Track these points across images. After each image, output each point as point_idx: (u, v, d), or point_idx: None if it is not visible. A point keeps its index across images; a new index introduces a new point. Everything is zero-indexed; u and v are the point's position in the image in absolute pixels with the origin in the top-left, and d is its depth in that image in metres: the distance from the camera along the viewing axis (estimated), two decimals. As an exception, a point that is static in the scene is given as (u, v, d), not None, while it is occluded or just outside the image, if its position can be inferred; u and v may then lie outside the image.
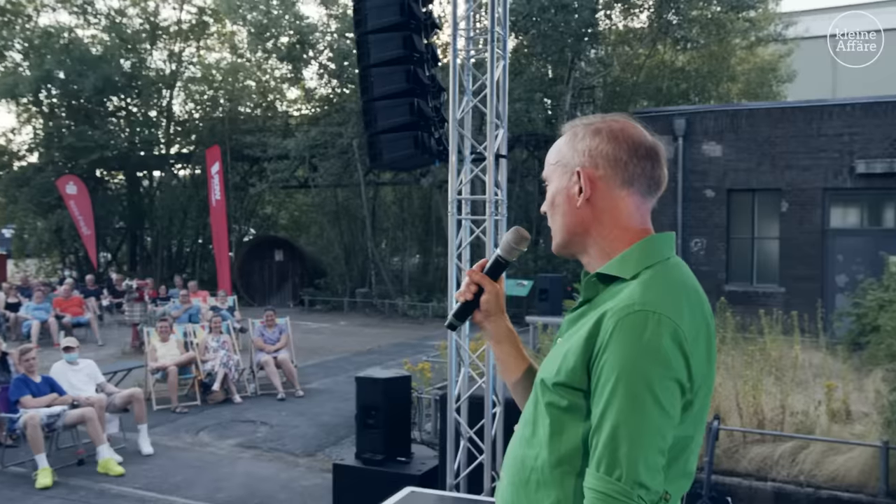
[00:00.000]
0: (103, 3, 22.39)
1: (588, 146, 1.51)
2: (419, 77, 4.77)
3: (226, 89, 22.32)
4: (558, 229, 1.56)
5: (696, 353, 1.35)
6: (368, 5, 4.85)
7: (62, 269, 23.07)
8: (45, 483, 6.46)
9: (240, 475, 6.82)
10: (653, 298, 1.35)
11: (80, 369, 7.71)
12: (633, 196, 1.50)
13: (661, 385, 1.29)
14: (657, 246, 1.48)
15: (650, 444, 1.29)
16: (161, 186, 23.71)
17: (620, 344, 1.32)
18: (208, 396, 9.35)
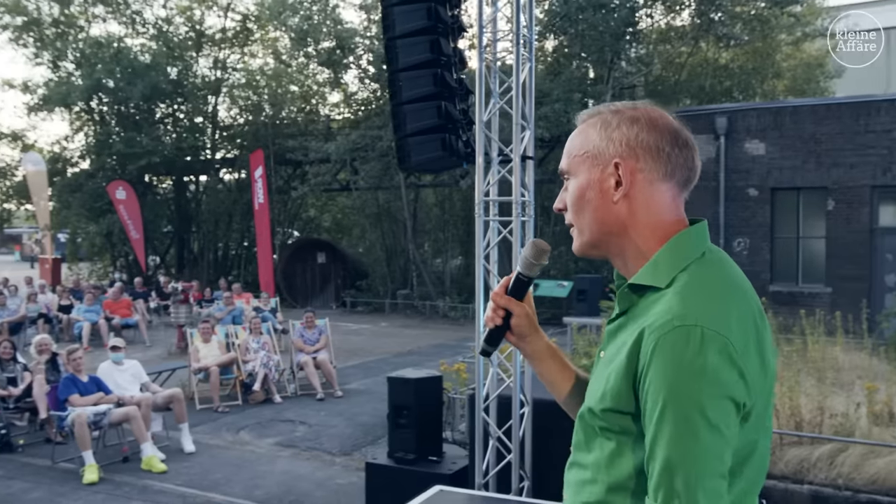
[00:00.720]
0: (151, 13, 22.97)
1: (626, 135, 1.37)
2: (446, 80, 4.82)
3: (269, 94, 22.71)
4: (586, 227, 1.42)
5: (750, 362, 1.24)
6: (396, 11, 4.92)
7: (113, 272, 23.70)
8: (92, 479, 6.68)
9: (277, 473, 6.95)
10: (693, 310, 1.23)
11: (126, 369, 7.95)
12: (672, 189, 1.38)
13: (712, 406, 1.19)
14: (689, 242, 1.36)
15: (707, 470, 1.19)
16: (207, 191, 24.22)
17: (663, 365, 1.21)
18: (249, 396, 9.54)
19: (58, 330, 14.60)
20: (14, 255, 49.83)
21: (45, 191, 21.38)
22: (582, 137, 1.42)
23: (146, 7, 22.82)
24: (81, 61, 21.27)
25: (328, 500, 6.27)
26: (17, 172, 22.79)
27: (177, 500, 6.27)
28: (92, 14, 22.87)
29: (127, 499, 6.31)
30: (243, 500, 6.25)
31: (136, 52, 21.87)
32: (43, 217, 21.30)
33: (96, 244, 23.14)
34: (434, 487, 4.32)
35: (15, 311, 14.12)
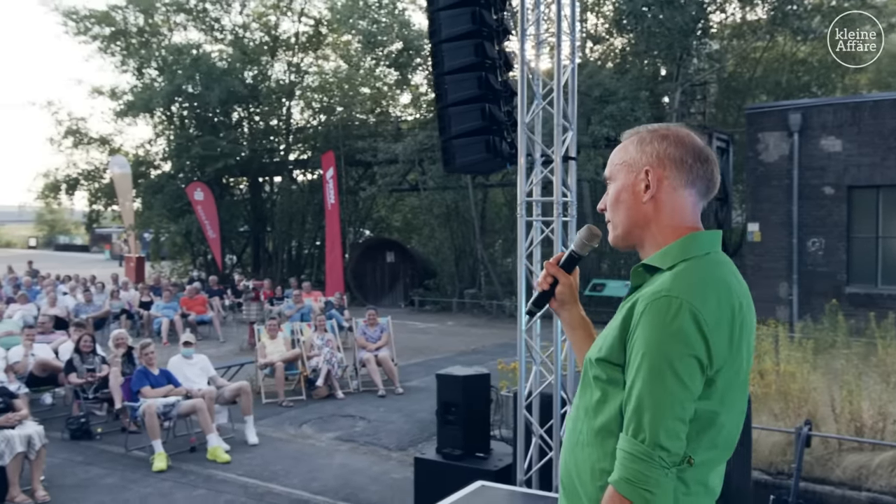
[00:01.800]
0: (229, 20, 23.74)
1: (656, 149, 1.69)
2: (490, 83, 4.90)
3: (340, 97, 23.18)
4: (620, 222, 1.74)
5: (718, 337, 1.50)
6: (442, 15, 5.03)
7: (192, 270, 24.61)
8: (161, 467, 7.02)
9: (335, 466, 7.16)
10: (679, 286, 1.52)
11: (195, 363, 8.31)
12: (693, 196, 1.69)
13: (680, 361, 1.47)
14: (698, 242, 1.65)
15: (670, 412, 1.47)
16: (280, 191, 24.89)
17: (647, 325, 1.51)
18: (313, 392, 9.81)
19: (139, 325, 15.30)
20: (105, 253, 52.13)
21: (130, 192, 22.39)
22: (622, 150, 1.76)
23: (224, 14, 23.62)
24: (163, 68, 22.15)
25: (381, 494, 6.42)
26: (104, 175, 23.88)
27: (238, 489, 6.53)
28: (174, 22, 23.81)
29: (192, 487, 6.61)
30: (300, 491, 6.47)
31: (214, 58, 22.65)
32: (128, 217, 22.31)
33: (177, 243, 24.08)
34: (476, 483, 4.41)
35: (99, 307, 14.86)
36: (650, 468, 1.47)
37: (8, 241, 70.66)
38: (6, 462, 6.25)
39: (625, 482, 1.49)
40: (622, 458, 1.50)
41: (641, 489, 1.47)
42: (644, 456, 1.47)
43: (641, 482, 1.47)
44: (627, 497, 1.48)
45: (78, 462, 7.34)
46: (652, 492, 1.47)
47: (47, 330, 10.69)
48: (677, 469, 1.50)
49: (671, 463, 1.48)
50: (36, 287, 17.11)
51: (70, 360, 8.65)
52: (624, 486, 1.49)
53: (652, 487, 1.47)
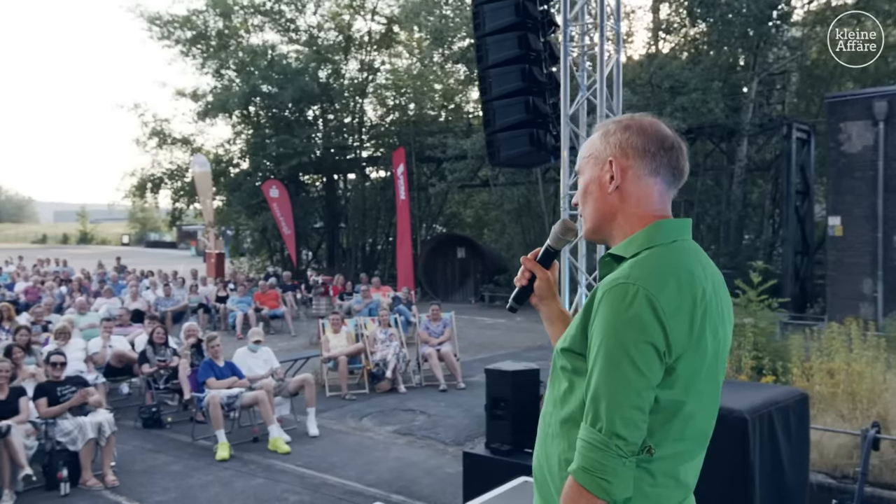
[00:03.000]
0: (303, 20, 24.22)
1: (619, 139, 1.68)
2: (535, 75, 4.85)
3: (413, 93, 23.36)
4: (589, 215, 1.74)
5: (677, 324, 1.48)
6: (486, 8, 5.00)
7: (270, 266, 25.25)
8: (223, 456, 7.24)
9: (391, 459, 7.23)
10: (637, 273, 1.51)
11: (259, 355, 8.54)
12: (659, 185, 1.67)
13: (635, 348, 1.45)
14: (664, 230, 1.63)
15: (626, 400, 1.45)
16: (354, 188, 25.26)
17: (604, 312, 1.50)
18: (376, 385, 9.94)
19: (216, 319, 15.81)
20: (191, 250, 54.00)
21: (210, 190, 23.12)
22: (589, 143, 1.77)
23: (299, 15, 24.10)
24: (240, 69, 22.77)
25: (434, 487, 6.45)
26: (187, 174, 24.74)
27: (295, 479, 6.68)
28: (251, 24, 24.45)
29: (251, 476, 6.79)
30: (355, 483, 6.56)
31: (289, 58, 23.15)
32: (208, 215, 23.05)
33: (255, 240, 24.72)
34: (519, 478, 4.38)
35: (178, 302, 15.41)
36: (607, 457, 1.45)
37: (103, 239, 74.11)
38: (79, 447, 6.56)
39: (582, 471, 1.48)
40: (580, 447, 1.50)
41: (598, 478, 1.46)
42: (601, 444, 1.46)
43: (598, 471, 1.46)
44: (585, 486, 1.48)
45: (147, 449, 7.64)
46: (609, 481, 1.46)
47: (125, 322, 11.18)
48: (637, 459, 1.49)
49: (628, 452, 1.46)
50: (121, 282, 17.89)
51: (143, 351, 9.01)
52: (581, 475, 1.48)
53: (609, 476, 1.46)
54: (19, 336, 8.58)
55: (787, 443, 4.70)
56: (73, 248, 57.50)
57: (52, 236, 76.17)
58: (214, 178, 23.52)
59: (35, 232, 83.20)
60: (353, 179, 25.62)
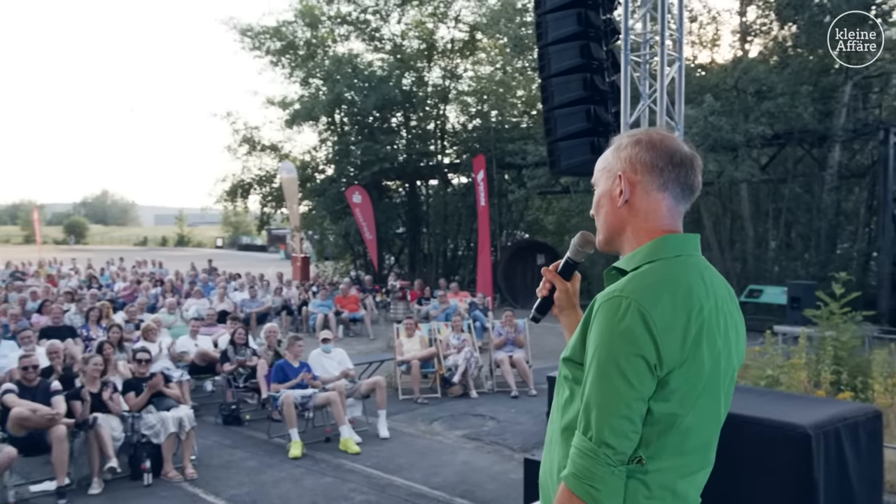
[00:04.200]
0: (388, 29, 24.66)
1: (629, 154, 1.73)
2: (596, 84, 4.85)
3: (495, 100, 23.44)
4: (601, 227, 1.80)
5: (669, 339, 1.51)
6: (549, 18, 5.03)
7: (352, 270, 25.78)
8: (296, 454, 7.48)
9: (457, 463, 7.31)
10: (632, 287, 1.55)
11: (333, 356, 8.78)
12: (667, 200, 1.71)
13: (626, 360, 1.49)
14: (668, 245, 1.66)
15: (615, 410, 1.49)
16: (435, 194, 25.51)
17: (598, 324, 1.55)
18: (448, 390, 10.04)
19: (298, 321, 16.28)
20: (280, 253, 55.62)
21: (297, 195, 23.78)
22: (603, 157, 1.82)
23: (384, 25, 24.56)
24: (327, 77, 23.37)
25: (498, 492, 6.49)
26: (275, 179, 25.52)
27: (362, 479, 6.84)
28: (338, 34, 25.06)
29: (321, 474, 7.00)
30: (419, 485, 6.67)
31: (373, 66, 23.60)
32: (294, 219, 23.72)
33: (338, 244, 25.27)
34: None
35: (262, 303, 15.95)
36: (596, 465, 1.49)
37: (199, 241, 77.23)
38: (161, 440, 6.92)
39: (573, 477, 1.53)
40: (572, 454, 1.54)
41: (587, 485, 1.50)
42: (590, 452, 1.50)
43: (587, 478, 1.50)
44: (575, 492, 1.52)
45: (226, 445, 7.97)
46: (597, 488, 1.50)
47: (211, 323, 11.66)
48: (629, 469, 1.52)
49: (617, 461, 1.49)
50: (211, 283, 18.64)
51: (225, 350, 9.39)
52: (572, 482, 1.53)
53: (597, 484, 1.50)
54: (112, 333, 9.10)
55: (856, 461, 4.54)
56: (170, 251, 60.16)
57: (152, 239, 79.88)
58: (301, 184, 24.19)
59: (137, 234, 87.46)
60: (435, 185, 25.88)
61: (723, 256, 17.17)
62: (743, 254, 17.54)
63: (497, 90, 23.37)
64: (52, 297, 13.60)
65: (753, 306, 14.99)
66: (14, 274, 23.73)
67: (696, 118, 13.18)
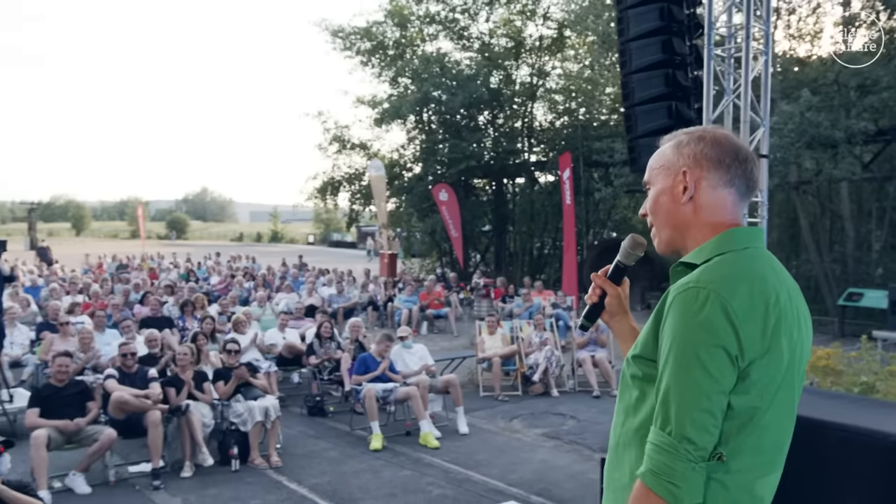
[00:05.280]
0: (476, 28, 24.72)
1: (693, 150, 1.70)
2: (678, 80, 4.75)
3: (584, 98, 23.17)
4: (662, 226, 1.77)
5: (749, 328, 1.46)
6: (630, 13, 4.96)
7: (439, 267, 25.99)
8: (376, 446, 7.64)
9: (535, 461, 7.30)
10: (708, 278, 1.51)
11: (414, 352, 8.91)
12: (732, 195, 1.68)
13: (706, 351, 1.45)
14: (736, 237, 1.64)
15: (696, 404, 1.44)
16: (521, 192, 25.43)
17: (674, 316, 1.51)
18: (529, 388, 10.03)
19: (384, 317, 16.55)
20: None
21: (384, 193, 24.16)
22: (660, 154, 1.79)
23: (472, 23, 24.63)
24: (415, 77, 23.63)
25: (575, 492, 6.46)
26: (363, 177, 25.99)
27: (440, 474, 6.92)
28: (426, 34, 25.30)
29: (400, 467, 7.12)
30: (496, 481, 6.70)
31: (461, 65, 23.71)
32: (382, 217, 24.10)
33: (425, 241, 25.51)
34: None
35: (349, 299, 16.30)
36: (676, 460, 1.44)
37: (292, 238, 79.37)
38: (248, 428, 7.19)
39: (651, 474, 1.48)
40: (649, 450, 1.50)
41: (666, 482, 1.45)
42: (670, 447, 1.45)
43: (667, 474, 1.45)
44: (653, 489, 1.47)
45: (310, 435, 8.20)
46: (677, 485, 1.44)
47: (299, 316, 12.00)
48: (709, 468, 1.46)
49: (698, 457, 1.44)
50: (301, 279, 19.17)
51: (311, 343, 9.66)
52: (650, 478, 1.48)
53: (678, 480, 1.44)
54: (205, 325, 9.50)
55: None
56: (264, 246, 62.10)
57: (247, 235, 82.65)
58: (388, 182, 24.55)
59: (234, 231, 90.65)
60: (522, 183, 25.79)
61: (821, 258, 16.46)
62: (843, 256, 16.76)
63: (585, 87, 23.09)
64: (152, 290, 14.30)
65: (853, 310, 14.32)
66: (120, 267, 25.04)
67: (792, 114, 12.67)
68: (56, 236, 75.63)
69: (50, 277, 18.74)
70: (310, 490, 6.49)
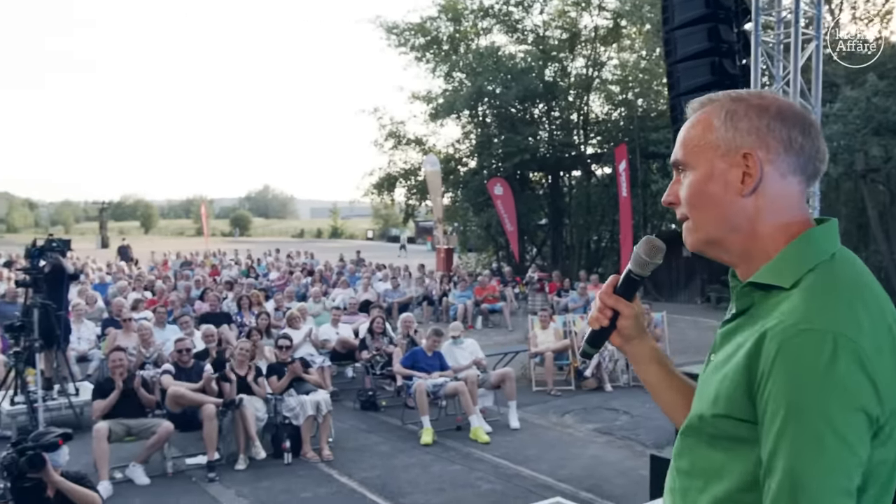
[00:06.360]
0: (530, 20, 24.57)
1: (756, 124, 1.28)
2: (725, 68, 4.63)
3: (640, 89, 22.82)
4: (706, 222, 1.33)
5: (883, 369, 1.14)
6: (675, 1, 4.85)
7: (495, 261, 25.96)
8: (427, 441, 7.68)
9: (586, 457, 7.24)
10: (821, 312, 1.15)
11: (465, 347, 8.92)
12: (802, 184, 1.30)
13: (841, 418, 1.10)
14: (818, 241, 1.26)
15: (833, 488, 1.10)
16: (577, 185, 25.19)
17: (787, 372, 1.13)
18: (582, 382, 9.94)
19: (439, 311, 16.61)
20: (427, 245, 56.84)
21: (440, 188, 24.24)
22: (701, 126, 1.33)
23: (526, 16, 24.49)
24: (469, 71, 23.62)
25: (625, 488, 6.38)
26: (419, 172, 26.13)
27: (490, 468, 6.92)
28: (480, 28, 25.25)
29: (450, 461, 7.14)
30: (546, 476, 6.66)
31: (516, 58, 23.60)
32: (438, 211, 24.18)
33: (480, 236, 25.51)
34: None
35: (404, 294, 16.41)
36: None
37: (351, 234, 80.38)
38: (300, 422, 7.30)
39: None
40: None
41: None
42: None
43: None
44: None
45: (361, 429, 8.29)
46: None
47: (353, 311, 12.14)
48: None
49: None
50: (358, 274, 19.37)
51: (363, 338, 9.76)
52: None
53: None
54: (260, 320, 9.68)
55: None
56: (324, 242, 63.04)
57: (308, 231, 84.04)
58: (444, 177, 24.61)
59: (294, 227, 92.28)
60: (578, 176, 25.55)
61: (891, 249, 15.86)
62: (914, 246, 16.14)
63: (642, 77, 22.73)
64: (212, 286, 14.65)
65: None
66: (184, 264, 25.74)
67: (857, 99, 12.23)
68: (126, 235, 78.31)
69: (117, 275, 19.38)
70: (360, 483, 6.57)
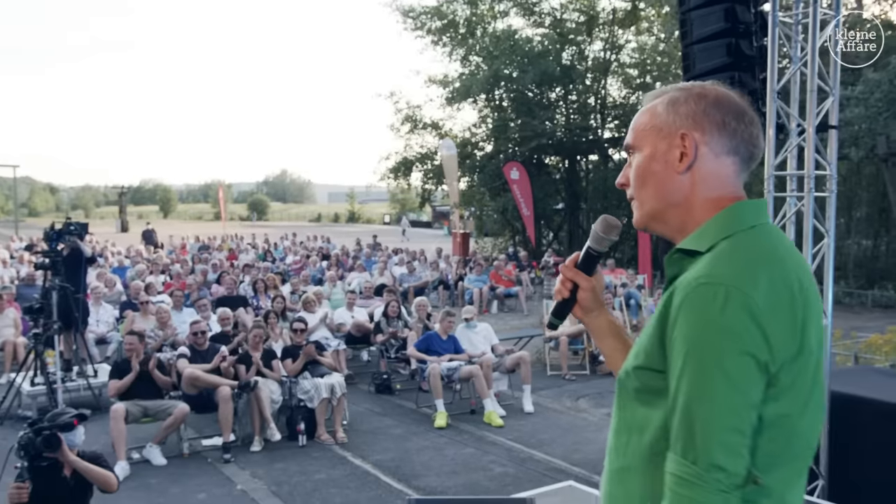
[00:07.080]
0: (547, 3, 24.35)
1: (693, 109, 1.42)
2: (742, 50, 4.56)
3: (658, 72, 22.59)
4: (648, 198, 1.47)
5: (776, 324, 1.24)
6: (692, -19, 4.78)
7: (511, 245, 25.91)
8: (441, 424, 7.70)
9: (600, 441, 7.22)
10: (722, 270, 1.27)
11: (479, 331, 8.92)
12: (735, 164, 1.43)
13: (731, 360, 1.21)
14: (740, 214, 1.39)
15: (724, 423, 1.21)
16: (594, 169, 25.03)
17: (687, 319, 1.25)
18: (597, 367, 9.92)
19: (455, 296, 16.61)
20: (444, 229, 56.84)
21: (456, 172, 24.16)
22: (649, 113, 1.48)
23: (544, -1, 24.28)
24: (486, 55, 23.47)
25: (638, 473, 6.36)
26: (435, 157, 26.06)
27: (503, 452, 6.94)
28: (497, 11, 25.06)
29: (463, 445, 7.16)
30: (559, 460, 6.67)
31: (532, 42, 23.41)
32: (454, 196, 24.13)
33: (497, 220, 25.43)
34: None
35: (420, 278, 16.42)
36: (706, 493, 1.20)
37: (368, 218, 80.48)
38: (315, 405, 7.35)
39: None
40: (671, 482, 1.25)
41: None
42: (696, 479, 1.21)
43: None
44: None
45: (376, 412, 8.33)
46: None
47: (369, 295, 12.16)
48: (743, 494, 1.22)
49: (731, 485, 1.20)
50: (374, 258, 19.40)
51: (378, 322, 9.78)
52: None
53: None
54: (275, 303, 9.73)
55: None
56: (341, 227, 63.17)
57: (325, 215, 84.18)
58: (460, 161, 24.53)
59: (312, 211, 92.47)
60: (595, 160, 25.38)
61: (912, 234, 15.65)
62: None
63: (660, 61, 22.49)
64: (229, 270, 14.74)
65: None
66: (202, 248, 25.89)
67: (880, 82, 12.04)
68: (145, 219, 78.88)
69: (136, 258, 19.53)
70: (373, 466, 6.61)
